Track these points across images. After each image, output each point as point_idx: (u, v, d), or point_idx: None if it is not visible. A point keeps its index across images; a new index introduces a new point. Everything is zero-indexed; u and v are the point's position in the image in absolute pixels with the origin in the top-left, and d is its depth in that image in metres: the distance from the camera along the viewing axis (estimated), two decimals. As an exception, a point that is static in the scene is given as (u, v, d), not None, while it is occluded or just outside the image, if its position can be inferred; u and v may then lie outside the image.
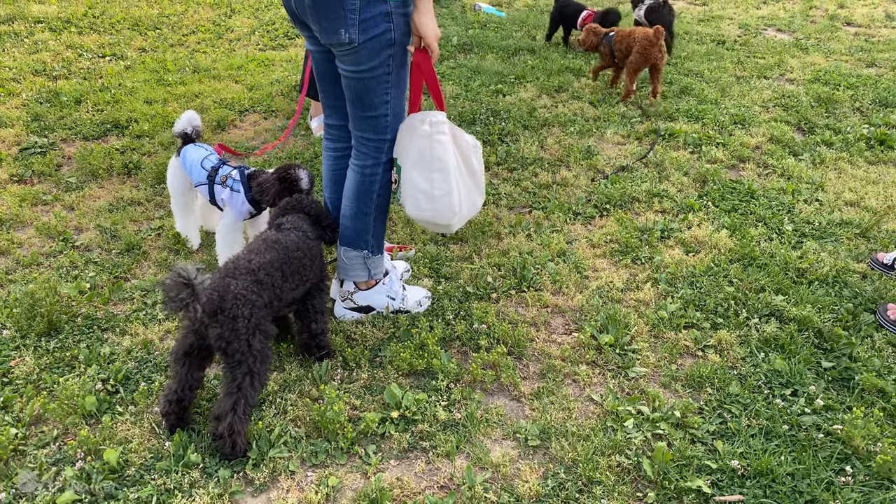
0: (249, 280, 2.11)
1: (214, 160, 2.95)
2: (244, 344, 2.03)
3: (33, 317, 2.63)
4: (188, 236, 3.16)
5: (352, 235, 2.57)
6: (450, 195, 2.37)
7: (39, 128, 4.39)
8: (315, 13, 2.18)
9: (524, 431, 2.22)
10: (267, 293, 2.14)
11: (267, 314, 2.12)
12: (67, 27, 6.44)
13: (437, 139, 2.34)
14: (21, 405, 2.28)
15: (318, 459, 2.12)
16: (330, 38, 2.21)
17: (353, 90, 2.33)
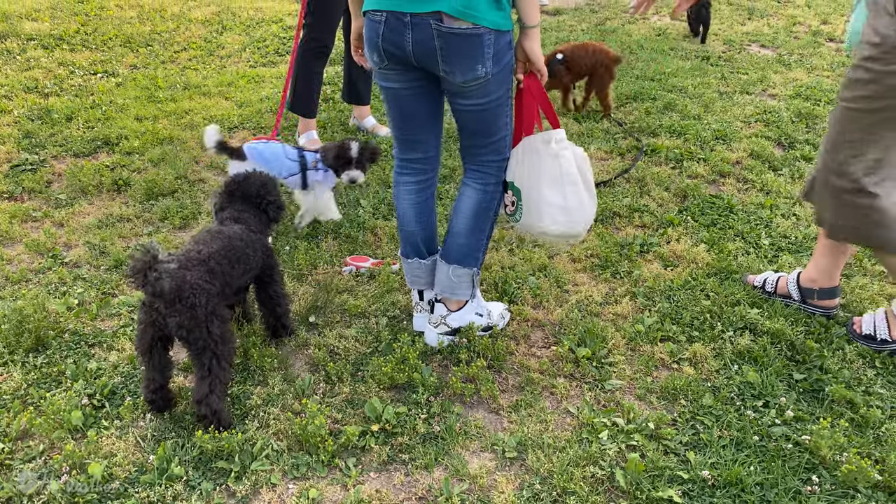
0: (202, 270, 2.25)
1: (294, 151, 3.44)
2: (204, 331, 2.19)
3: (21, 333, 2.67)
4: None
5: (464, 252, 2.59)
6: (582, 205, 2.47)
7: (30, 145, 4.44)
8: (452, 54, 2.17)
9: (502, 443, 2.28)
10: (218, 281, 2.29)
11: (220, 301, 2.28)
12: (60, 44, 6.50)
13: (563, 156, 2.44)
14: (8, 420, 2.32)
15: (299, 472, 2.17)
16: (465, 76, 2.21)
17: (478, 121, 2.38)
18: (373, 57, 2.32)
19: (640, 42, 7.00)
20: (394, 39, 2.21)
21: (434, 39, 2.15)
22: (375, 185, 4.02)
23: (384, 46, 2.25)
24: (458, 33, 2.13)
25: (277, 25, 7.37)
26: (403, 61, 2.28)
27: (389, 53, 2.26)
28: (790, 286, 2.89)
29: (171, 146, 4.46)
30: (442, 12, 2.11)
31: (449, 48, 2.15)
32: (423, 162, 2.60)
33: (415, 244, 2.68)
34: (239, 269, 2.42)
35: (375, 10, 2.21)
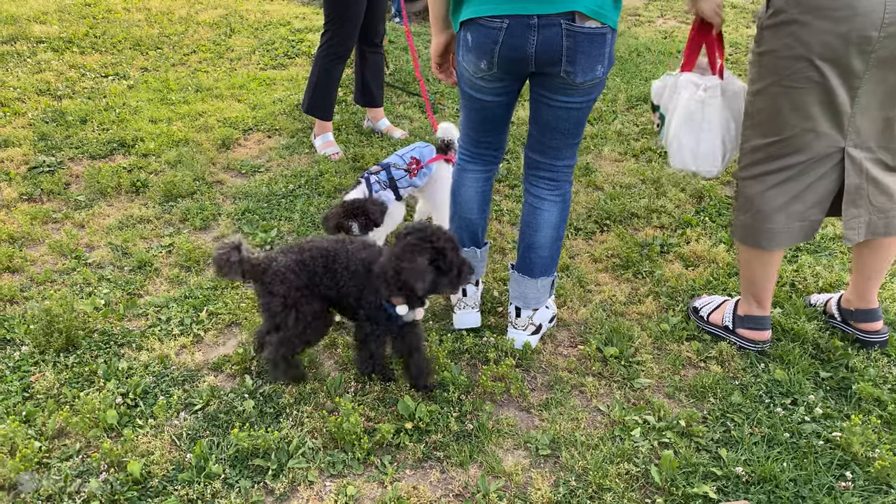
0: (294, 259, 2.33)
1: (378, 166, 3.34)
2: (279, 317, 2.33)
3: (51, 333, 2.68)
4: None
5: (548, 264, 2.63)
6: (715, 151, 2.54)
7: (46, 147, 4.45)
8: (578, 54, 2.18)
9: (535, 441, 2.29)
10: (306, 276, 2.32)
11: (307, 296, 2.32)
12: (69, 47, 6.51)
13: (709, 104, 2.51)
14: (43, 419, 2.33)
15: (335, 470, 2.19)
16: (585, 76, 2.23)
17: (572, 121, 2.40)
18: (480, 64, 2.28)
19: (647, 44, 7.03)
20: (515, 44, 2.19)
21: (562, 40, 2.16)
22: (393, 186, 4.03)
23: (501, 52, 2.22)
24: (587, 32, 2.16)
25: (285, 28, 7.39)
26: (515, 67, 2.26)
27: (505, 59, 2.24)
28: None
29: (187, 148, 4.47)
30: (577, 12, 2.13)
31: (576, 48, 2.17)
32: (495, 155, 2.65)
33: (474, 233, 2.73)
34: (328, 280, 2.33)
35: (493, 17, 2.18)
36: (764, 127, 2.37)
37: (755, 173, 2.42)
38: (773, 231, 2.42)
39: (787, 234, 2.42)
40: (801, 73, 2.22)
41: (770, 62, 2.28)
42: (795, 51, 2.20)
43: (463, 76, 2.42)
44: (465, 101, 2.51)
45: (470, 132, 2.59)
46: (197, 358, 2.65)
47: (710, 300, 2.85)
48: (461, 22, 2.30)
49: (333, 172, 4.12)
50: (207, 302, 2.96)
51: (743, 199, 2.48)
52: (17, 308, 2.93)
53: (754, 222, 2.45)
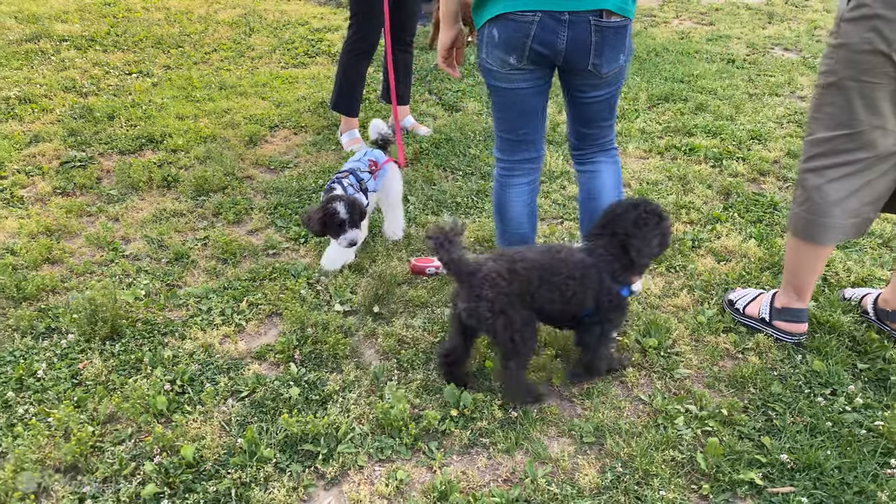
0: (505, 266, 2.25)
1: (346, 167, 3.25)
2: (488, 323, 2.23)
3: (95, 322, 2.72)
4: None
5: None
6: None
7: (76, 142, 4.50)
8: (605, 47, 2.28)
9: (579, 429, 2.32)
10: (519, 285, 2.25)
11: (515, 303, 2.25)
12: (92, 45, 6.57)
13: None
14: (94, 405, 2.37)
15: (384, 455, 2.22)
16: (610, 66, 2.33)
17: (605, 107, 2.50)
18: (509, 59, 2.34)
19: (664, 45, 7.06)
20: (546, 38, 2.26)
21: (591, 35, 2.25)
22: (420, 182, 4.07)
23: (532, 47, 2.29)
24: (613, 27, 2.26)
25: (304, 28, 7.44)
26: (543, 59, 2.33)
27: (535, 53, 2.31)
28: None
29: (215, 144, 4.51)
30: (605, 10, 2.22)
31: (604, 42, 2.27)
32: (534, 161, 2.66)
33: (528, 244, 2.74)
34: (551, 294, 2.30)
35: (525, 11, 2.24)
36: (831, 120, 2.37)
37: (817, 166, 2.43)
38: (829, 225, 2.44)
39: (840, 229, 2.44)
40: (879, 68, 2.21)
41: (846, 55, 2.27)
42: (875, 45, 2.19)
43: (490, 72, 2.45)
44: (497, 98, 2.52)
45: (507, 134, 2.58)
46: (240, 347, 2.69)
47: (745, 293, 2.87)
48: (487, 19, 2.34)
49: (362, 168, 4.16)
50: (247, 293, 2.99)
51: (802, 191, 2.49)
52: (60, 298, 2.97)
53: (810, 215, 2.46)
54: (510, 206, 2.68)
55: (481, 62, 2.48)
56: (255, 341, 2.74)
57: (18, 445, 2.17)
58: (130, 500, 2.04)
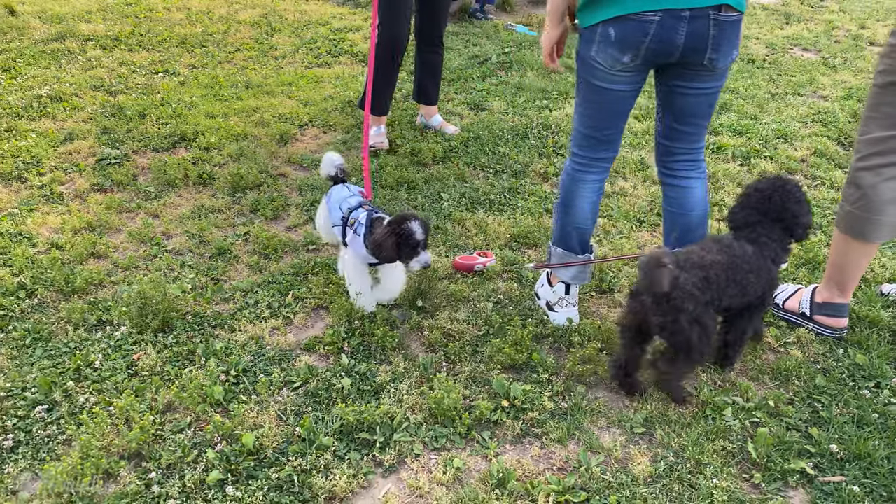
0: (698, 276, 2.23)
1: (354, 202, 2.90)
2: (683, 336, 2.20)
3: (146, 315, 2.77)
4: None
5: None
6: None
7: (110, 140, 4.55)
8: (722, 41, 2.31)
9: (628, 420, 2.37)
10: (711, 293, 2.25)
11: (708, 312, 2.25)
12: (117, 45, 6.63)
13: None
14: (151, 395, 2.42)
15: (438, 444, 2.26)
16: (724, 60, 2.36)
17: (708, 102, 2.50)
18: (622, 58, 2.34)
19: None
20: (665, 36, 2.28)
21: (710, 29, 2.27)
22: (452, 179, 4.11)
23: (650, 45, 2.30)
24: (730, 20, 2.29)
25: (325, 28, 7.50)
26: (659, 58, 2.35)
27: (652, 52, 2.32)
28: None
29: (247, 142, 4.56)
30: (725, 4, 2.26)
31: (721, 36, 2.29)
32: (610, 160, 2.69)
33: (586, 241, 2.78)
34: (734, 291, 2.33)
35: (646, 12, 2.25)
36: (888, 120, 2.40)
37: (872, 164, 2.46)
38: (881, 223, 2.47)
39: (892, 227, 2.48)
40: None
41: None
42: None
43: (595, 70, 2.43)
44: (592, 97, 2.51)
45: (593, 132, 2.59)
46: (289, 339, 2.74)
47: (784, 288, 2.91)
48: (603, 20, 2.33)
49: (394, 166, 4.21)
50: (291, 287, 3.04)
51: (855, 189, 2.52)
52: (108, 291, 3.02)
53: (862, 213, 2.50)
54: (579, 200, 2.70)
55: (586, 60, 2.44)
56: (304, 333, 2.79)
57: (83, 433, 2.22)
58: (195, 486, 2.08)
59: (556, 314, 2.85)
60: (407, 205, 3.81)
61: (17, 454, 2.20)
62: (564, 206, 2.75)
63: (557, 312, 2.85)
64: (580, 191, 2.69)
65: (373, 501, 2.09)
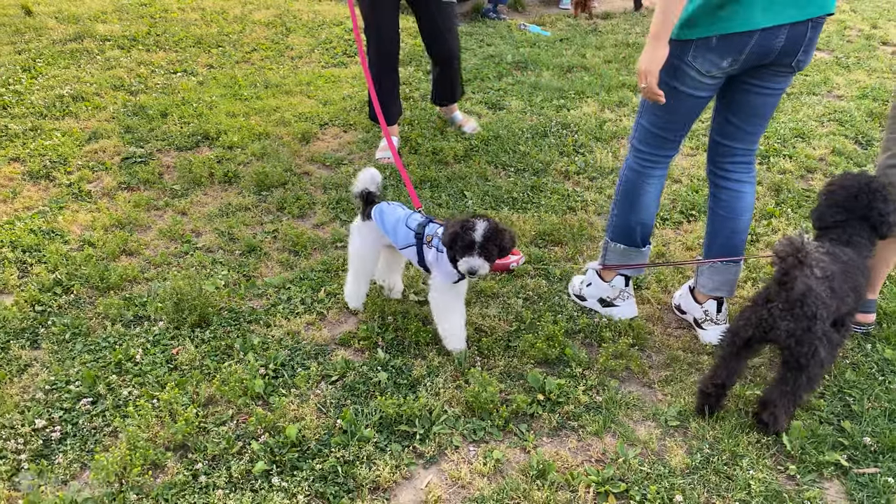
0: (827, 285, 2.14)
1: (420, 218, 2.68)
2: (811, 347, 2.10)
3: (182, 310, 2.82)
4: (354, 303, 2.93)
5: (741, 247, 2.76)
6: None
7: (134, 139, 4.60)
8: (811, 43, 2.35)
9: (662, 413, 2.41)
10: (835, 303, 2.18)
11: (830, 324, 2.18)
12: (135, 45, 6.68)
13: None
14: (192, 388, 2.46)
15: (477, 436, 2.31)
16: (808, 61, 2.41)
17: (773, 103, 2.53)
18: (721, 63, 2.35)
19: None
20: (767, 43, 2.30)
21: (807, 33, 2.31)
22: (475, 178, 4.15)
23: (752, 50, 2.31)
24: (821, 23, 2.35)
25: (340, 28, 7.54)
26: (756, 61, 2.36)
27: (753, 56, 2.33)
28: None
29: (269, 141, 4.61)
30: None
31: (814, 38, 2.35)
32: (673, 157, 2.72)
33: (648, 234, 2.82)
34: (851, 298, 2.27)
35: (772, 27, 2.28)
36: None
37: None
38: None
39: None
40: None
41: None
42: None
43: (684, 76, 2.43)
44: (672, 102, 2.47)
45: (662, 132, 2.61)
46: (324, 334, 2.78)
47: None
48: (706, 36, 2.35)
49: (417, 165, 4.25)
50: (323, 283, 3.09)
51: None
52: (142, 287, 3.06)
53: None
54: (646, 195, 2.72)
55: (677, 65, 2.41)
56: (338, 328, 2.83)
57: (129, 425, 2.27)
58: (242, 476, 2.13)
59: (619, 308, 2.89)
60: (431, 202, 3.85)
61: (66, 445, 2.24)
62: (629, 201, 2.75)
63: (620, 306, 2.89)
64: (646, 186, 2.71)
65: (415, 492, 2.13)
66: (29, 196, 3.83)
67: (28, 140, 4.48)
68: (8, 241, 3.33)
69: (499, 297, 3.04)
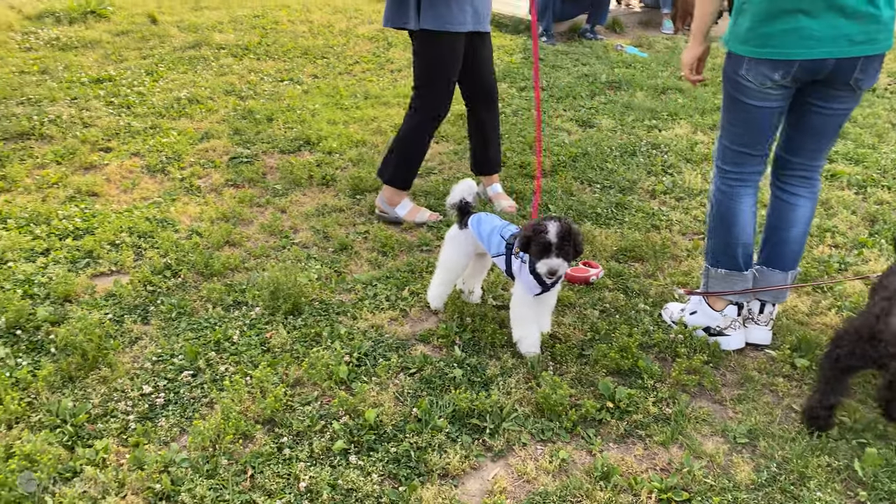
0: None
1: (514, 229, 2.76)
2: None
3: (277, 298, 3.03)
4: (435, 303, 3.05)
5: (797, 257, 2.81)
6: None
7: (241, 140, 4.93)
8: (869, 64, 2.39)
9: (732, 430, 2.42)
10: None
11: None
12: (246, 53, 7.11)
13: None
14: (283, 369, 2.66)
15: (545, 436, 2.39)
16: (869, 82, 2.46)
17: (837, 123, 2.59)
18: (773, 76, 2.42)
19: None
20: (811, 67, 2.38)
21: (859, 65, 2.37)
22: (560, 192, 4.24)
23: (803, 65, 2.37)
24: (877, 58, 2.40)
25: (438, 43, 7.78)
26: (808, 76, 2.42)
27: (804, 71, 2.39)
28: None
29: (366, 148, 4.84)
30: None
31: (868, 66, 2.38)
32: (761, 173, 2.74)
33: (749, 256, 2.79)
34: None
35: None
36: None
37: None
38: None
39: None
40: None
41: None
42: None
43: (745, 89, 2.50)
44: (743, 116, 2.57)
45: (742, 149, 2.65)
46: (405, 329, 2.94)
47: None
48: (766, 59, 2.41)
49: (502, 177, 4.37)
50: (407, 282, 3.25)
51: None
52: (242, 276, 3.31)
53: None
54: (740, 214, 2.71)
55: (735, 78, 2.51)
56: (419, 326, 2.98)
57: (224, 398, 2.48)
58: (322, 452, 2.29)
59: (728, 338, 2.84)
60: (516, 214, 3.96)
61: (168, 411, 2.47)
62: (724, 223, 2.73)
63: (730, 336, 2.84)
64: (739, 206, 2.70)
65: (482, 482, 2.24)
66: (146, 187, 4.18)
67: (148, 137, 4.88)
68: (126, 227, 3.65)
69: (575, 307, 3.11)
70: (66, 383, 2.57)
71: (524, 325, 2.75)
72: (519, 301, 2.73)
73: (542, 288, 2.65)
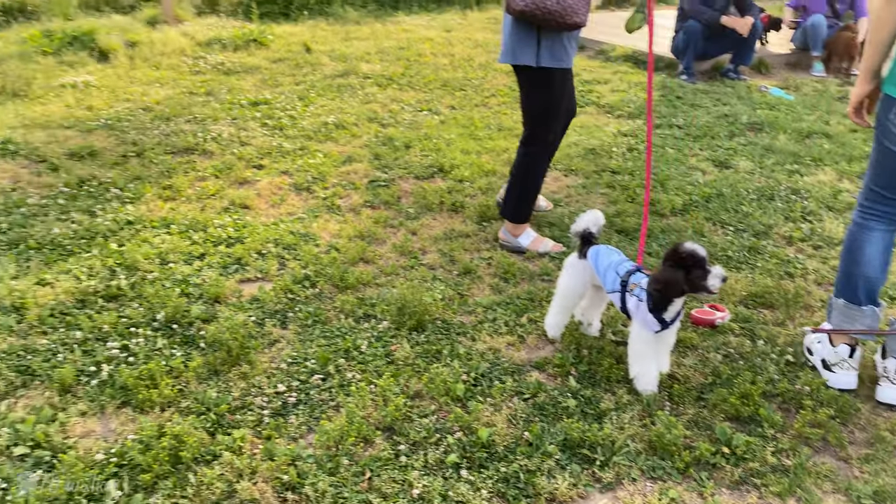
0: None
1: (629, 266, 2.83)
2: None
3: (404, 314, 3.20)
4: (553, 332, 3.10)
5: (862, 295, 2.77)
6: None
7: (380, 165, 5.21)
8: None
9: (856, 490, 2.32)
10: None
11: None
12: (390, 83, 7.50)
13: None
14: (404, 381, 2.81)
15: (655, 474, 2.39)
16: None
17: None
18: None
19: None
20: None
21: None
22: (690, 232, 4.18)
23: None
24: None
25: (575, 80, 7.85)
26: None
27: None
28: None
29: (496, 178, 4.99)
30: None
31: None
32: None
33: (873, 291, 2.75)
34: None
35: None
36: None
37: None
38: None
39: None
40: None
41: None
42: None
43: (890, 134, 2.50)
44: (884, 160, 2.59)
45: (880, 189, 2.65)
46: (522, 355, 3.02)
47: None
48: None
49: (629, 213, 4.37)
50: (526, 310, 3.33)
51: None
52: (373, 291, 3.51)
53: None
54: (868, 245, 2.69)
55: (884, 123, 2.55)
56: (535, 353, 3.05)
57: (349, 402, 2.65)
58: (436, 464, 2.41)
59: (835, 375, 2.81)
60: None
61: (298, 409, 2.67)
62: (850, 253, 2.75)
63: (836, 374, 2.80)
64: (867, 236, 2.69)
65: (589, 511, 2.27)
66: (292, 203, 4.51)
67: (297, 157, 5.27)
68: (272, 239, 3.97)
69: (697, 349, 3.07)
70: (212, 375, 2.84)
71: (642, 361, 2.76)
72: (638, 337, 2.76)
73: (662, 325, 2.66)
